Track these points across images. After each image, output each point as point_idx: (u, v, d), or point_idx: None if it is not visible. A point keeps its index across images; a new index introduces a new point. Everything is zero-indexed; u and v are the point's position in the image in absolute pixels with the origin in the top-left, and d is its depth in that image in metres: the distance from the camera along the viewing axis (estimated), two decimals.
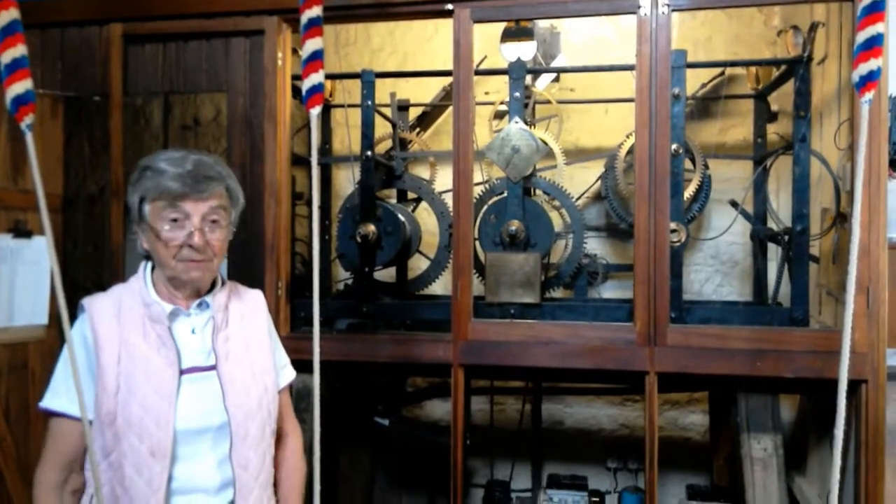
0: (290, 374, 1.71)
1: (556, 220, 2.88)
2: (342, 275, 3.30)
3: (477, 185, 2.62)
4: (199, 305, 1.50)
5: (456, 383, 2.40)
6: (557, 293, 3.04)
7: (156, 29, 2.57)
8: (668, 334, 2.28)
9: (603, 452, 3.40)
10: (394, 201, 3.17)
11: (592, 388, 3.42)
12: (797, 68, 2.49)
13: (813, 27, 2.51)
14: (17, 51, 1.48)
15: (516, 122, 2.55)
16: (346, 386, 2.99)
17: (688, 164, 2.72)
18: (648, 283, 2.28)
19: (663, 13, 2.27)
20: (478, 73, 2.68)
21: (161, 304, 1.47)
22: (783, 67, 2.70)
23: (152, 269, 1.52)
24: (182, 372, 1.44)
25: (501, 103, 3.04)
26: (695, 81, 3.10)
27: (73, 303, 1.46)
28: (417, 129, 3.37)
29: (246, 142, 2.52)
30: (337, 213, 3.13)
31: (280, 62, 2.50)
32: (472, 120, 2.41)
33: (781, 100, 3.04)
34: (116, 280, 1.62)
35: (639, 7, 2.28)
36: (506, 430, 3.46)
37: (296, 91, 2.71)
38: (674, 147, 2.36)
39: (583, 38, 3.46)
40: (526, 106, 2.82)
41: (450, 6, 2.39)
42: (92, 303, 1.47)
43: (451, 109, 2.73)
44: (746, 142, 3.26)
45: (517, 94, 2.58)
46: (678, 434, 3.49)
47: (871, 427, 2.13)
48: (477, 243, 2.61)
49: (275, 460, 1.60)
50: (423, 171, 3.45)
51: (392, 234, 2.77)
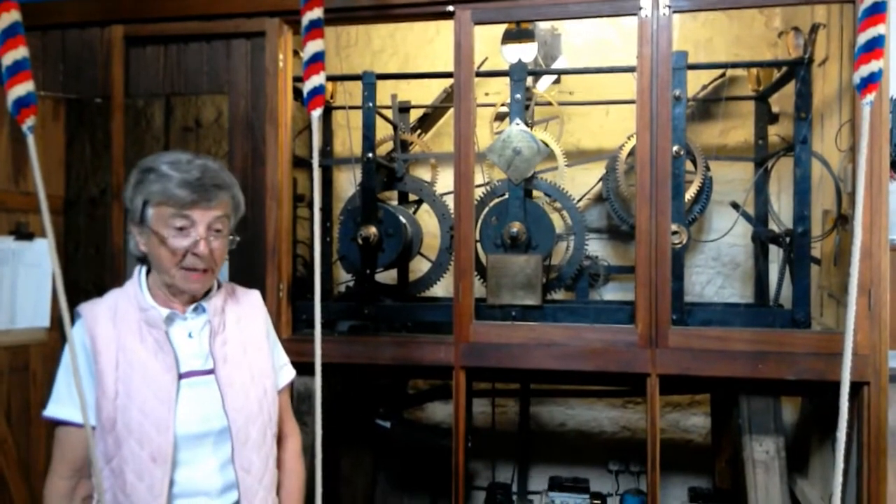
0: (289, 373, 1.69)
1: (558, 221, 2.87)
2: (343, 277, 3.30)
3: (478, 186, 2.62)
4: (196, 309, 1.50)
5: (457, 385, 2.40)
6: (559, 295, 3.03)
7: (157, 31, 2.57)
8: (669, 336, 2.27)
9: (604, 455, 3.40)
10: (395, 203, 3.17)
11: (594, 391, 3.41)
12: (798, 70, 2.49)
13: (814, 28, 2.51)
14: (19, 53, 1.49)
15: (517, 124, 2.55)
16: (347, 388, 2.99)
17: (689, 166, 2.72)
18: (650, 284, 2.28)
19: (664, 14, 2.27)
20: (479, 74, 2.68)
21: (157, 308, 1.46)
22: (784, 69, 2.70)
23: (147, 273, 1.51)
24: (180, 376, 1.43)
25: (502, 105, 3.04)
26: (696, 83, 3.10)
27: (74, 305, 1.46)
28: (418, 131, 3.38)
29: (247, 144, 2.52)
30: (338, 215, 3.13)
31: (281, 64, 2.50)
32: (473, 122, 2.41)
33: (782, 101, 3.05)
34: (118, 282, 1.62)
35: (640, 8, 2.28)
36: (507, 433, 3.45)
37: (297, 93, 2.71)
38: (675, 149, 2.36)
39: (584, 40, 3.46)
40: (527, 108, 2.82)
41: (451, 8, 2.39)
42: (88, 308, 1.47)
43: (452, 111, 2.73)
44: (747, 143, 3.25)
45: (518, 96, 2.58)
46: (680, 436, 3.48)
47: (874, 429, 2.12)
48: (478, 245, 2.61)
49: None
50: (424, 173, 3.46)
51: (393, 236, 2.77)
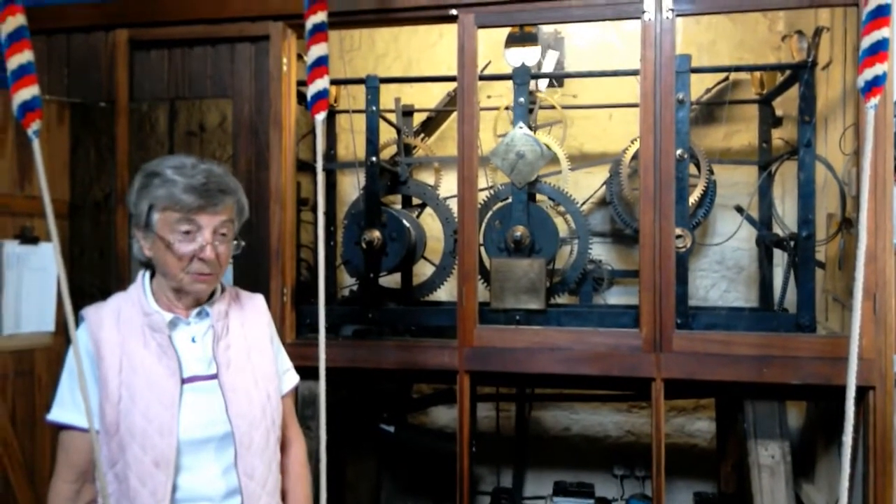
0: (292, 378, 1.69)
1: (561, 225, 2.87)
2: (347, 281, 3.30)
3: (482, 190, 2.62)
4: (199, 314, 1.50)
5: (461, 390, 2.39)
6: (563, 299, 3.03)
7: (161, 35, 2.58)
8: (674, 340, 2.27)
9: (609, 459, 3.39)
10: (399, 207, 3.17)
11: (598, 395, 3.41)
12: (802, 73, 2.48)
13: (817, 32, 2.51)
14: (24, 57, 1.49)
15: (521, 128, 2.55)
16: (351, 393, 2.98)
17: (693, 170, 2.72)
18: (654, 288, 2.28)
19: (667, 18, 2.27)
20: (482, 78, 2.68)
21: (161, 313, 1.46)
22: (788, 72, 2.70)
23: (151, 277, 1.51)
24: (183, 381, 1.43)
25: (506, 108, 3.05)
26: (699, 86, 3.10)
27: (79, 309, 1.46)
28: (422, 135, 3.38)
29: (251, 148, 2.53)
30: (342, 219, 3.13)
31: (285, 68, 2.51)
32: (476, 125, 2.41)
33: (786, 105, 3.04)
34: (122, 286, 1.62)
35: (643, 12, 2.28)
36: (512, 438, 3.44)
37: (301, 97, 2.71)
38: (679, 152, 2.35)
39: (587, 44, 3.46)
40: (531, 111, 2.82)
41: (454, 11, 2.40)
42: (92, 312, 1.47)
43: (455, 115, 2.73)
44: (751, 147, 3.25)
45: (521, 100, 2.58)
46: (685, 441, 3.47)
47: (880, 433, 2.11)
48: (482, 249, 2.61)
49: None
50: (427, 177, 3.46)
51: (397, 240, 2.76)
